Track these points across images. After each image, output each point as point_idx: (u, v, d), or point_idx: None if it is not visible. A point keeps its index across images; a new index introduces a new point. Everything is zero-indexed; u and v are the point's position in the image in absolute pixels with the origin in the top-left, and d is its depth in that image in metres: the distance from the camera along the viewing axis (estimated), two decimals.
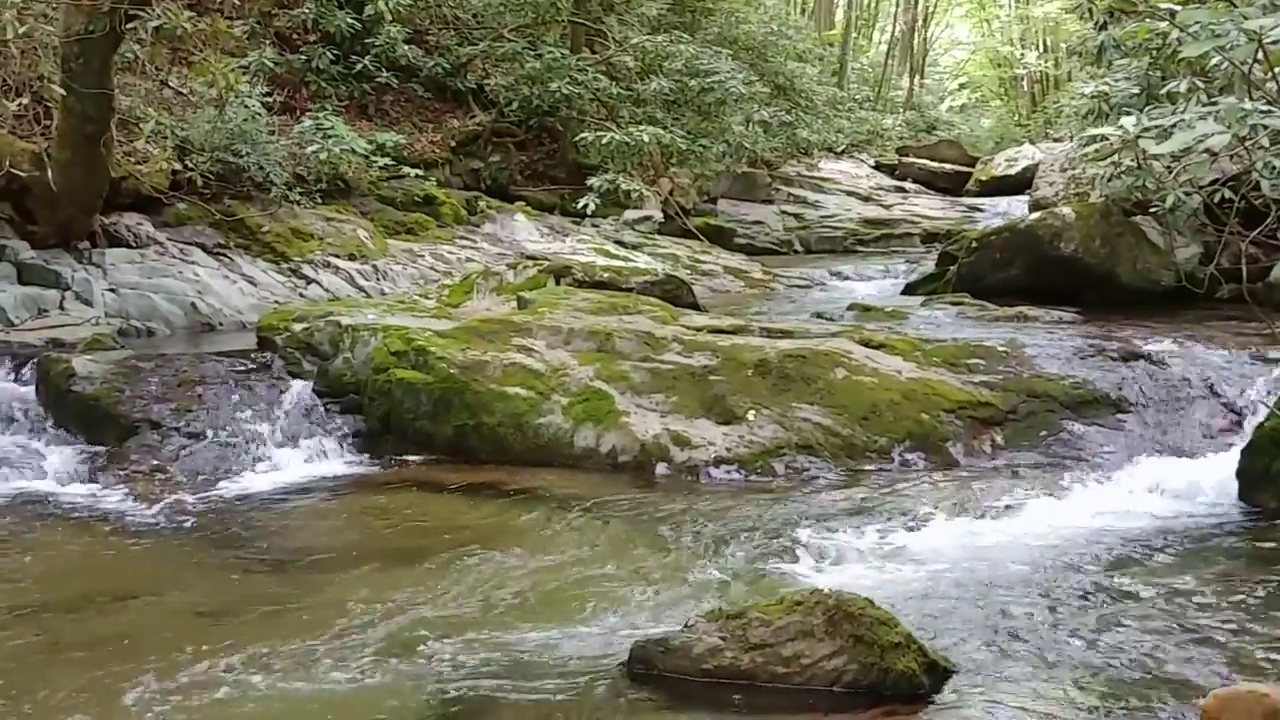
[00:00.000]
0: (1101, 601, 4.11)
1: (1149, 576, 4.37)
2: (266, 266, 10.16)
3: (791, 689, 3.33)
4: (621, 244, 13.83)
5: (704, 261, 13.76)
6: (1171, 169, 8.27)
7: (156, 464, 5.88)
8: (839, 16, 33.55)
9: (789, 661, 3.35)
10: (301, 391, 6.60)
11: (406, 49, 14.30)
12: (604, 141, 12.50)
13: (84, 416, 6.26)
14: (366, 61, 13.84)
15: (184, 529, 5.15)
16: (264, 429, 6.27)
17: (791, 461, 5.99)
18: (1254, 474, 5.29)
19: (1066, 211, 9.82)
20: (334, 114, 12.27)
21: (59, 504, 5.49)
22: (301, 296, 9.86)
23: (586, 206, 12.46)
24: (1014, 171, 22.01)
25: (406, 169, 12.49)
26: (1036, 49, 35.69)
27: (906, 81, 34.13)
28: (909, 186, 22.69)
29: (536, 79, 14.60)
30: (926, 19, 36.13)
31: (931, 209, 20.48)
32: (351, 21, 13.73)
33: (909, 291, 11.10)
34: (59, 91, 7.63)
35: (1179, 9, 3.62)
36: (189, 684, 3.48)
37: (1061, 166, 12.33)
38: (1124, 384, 6.54)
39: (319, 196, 11.25)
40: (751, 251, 16.11)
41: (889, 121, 26.93)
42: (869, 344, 7.00)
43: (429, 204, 12.90)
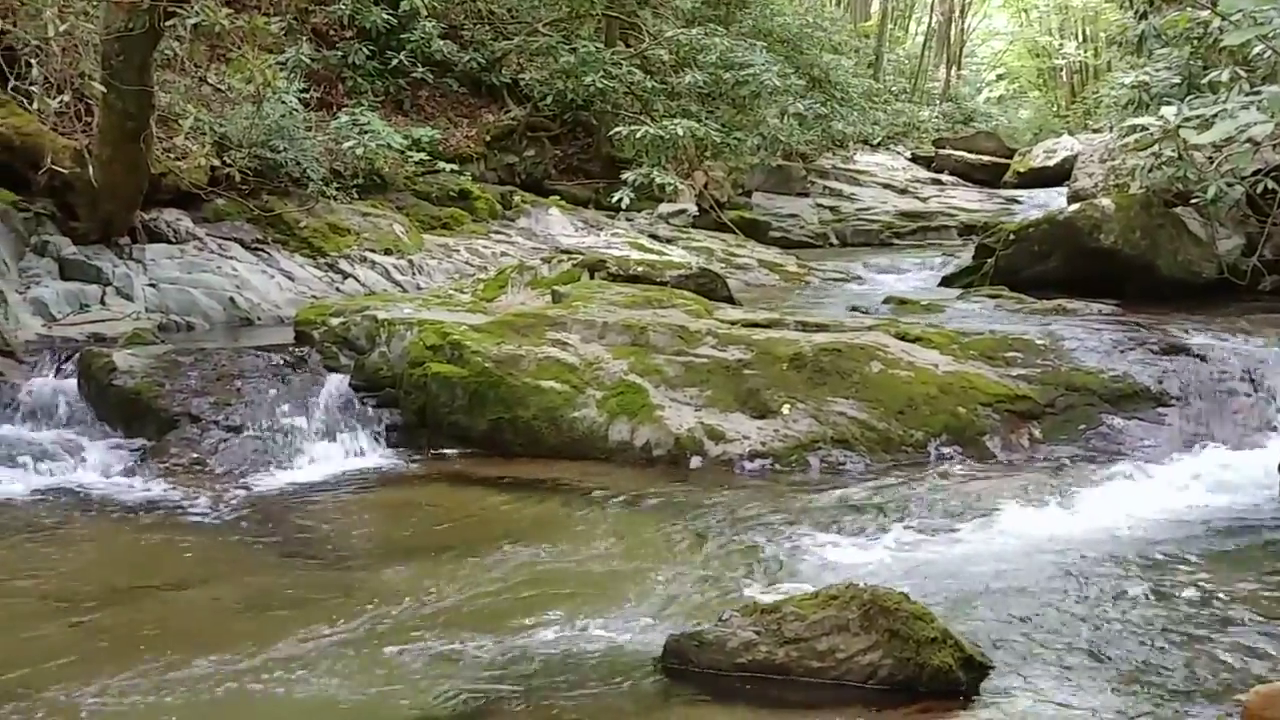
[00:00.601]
0: (1141, 596, 4.07)
1: (1190, 571, 4.32)
2: (304, 261, 10.23)
3: (826, 684, 3.32)
4: (656, 238, 13.80)
5: (738, 255, 13.71)
6: (1213, 159, 8.16)
7: (196, 457, 5.94)
8: (875, 8, 33.33)
9: (824, 656, 3.34)
10: (338, 385, 6.65)
11: (441, 44, 14.34)
12: (638, 135, 12.49)
13: (125, 410, 6.34)
14: (402, 57, 13.90)
15: (222, 522, 5.20)
16: (301, 423, 6.32)
17: (827, 455, 5.97)
18: None
19: (1106, 203, 9.70)
20: (370, 109, 12.33)
21: (100, 497, 5.56)
22: (338, 291, 9.92)
23: (621, 200, 12.47)
24: (1053, 163, 21.78)
25: (442, 164, 12.52)
26: (1076, 39, 35.28)
27: (943, 73, 33.87)
28: (946, 179, 22.51)
29: (571, 73, 14.60)
30: (964, 9, 35.81)
31: (969, 201, 20.30)
32: (387, 17, 13.78)
33: (946, 284, 11.01)
34: (100, 89, 7.71)
35: None
36: (224, 675, 3.51)
37: (1101, 157, 12.17)
38: (1165, 377, 6.46)
39: (355, 192, 11.31)
40: (786, 245, 16.04)
41: (925, 113, 26.73)
42: (905, 337, 6.95)
43: (464, 199, 12.93)
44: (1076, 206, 10.04)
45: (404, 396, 6.58)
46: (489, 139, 14.99)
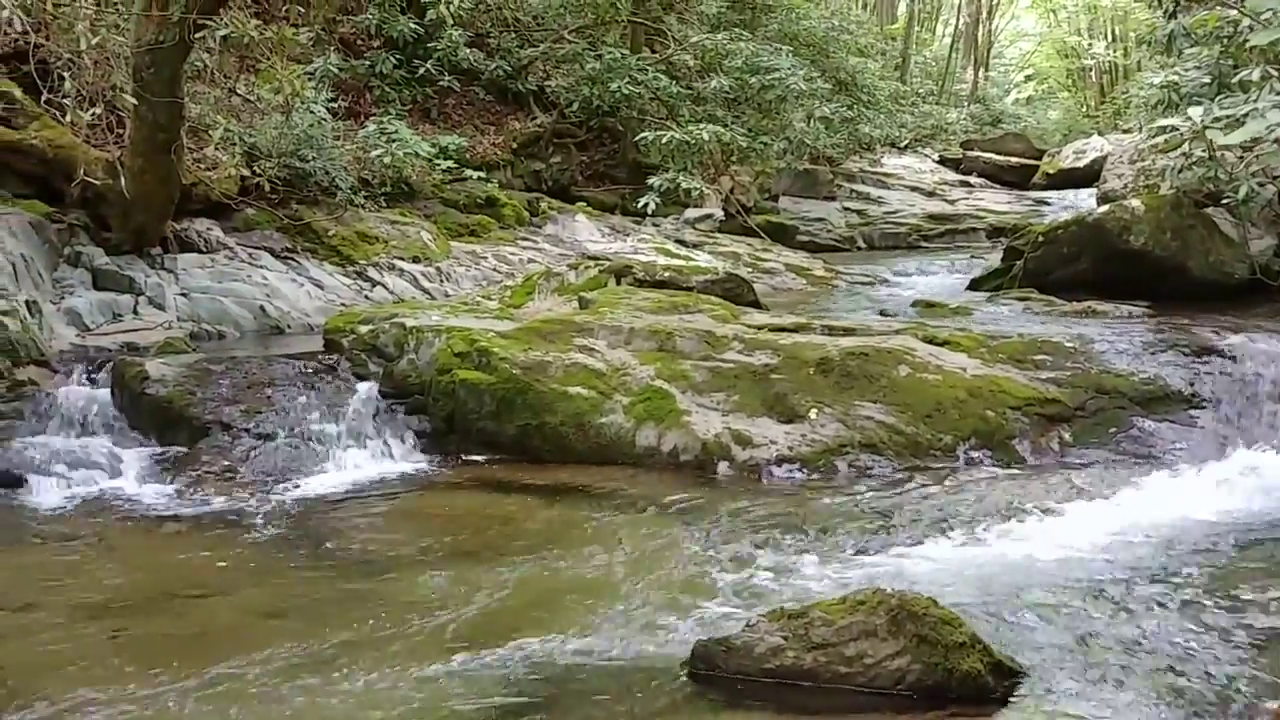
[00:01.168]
0: (1173, 602, 4.03)
1: (1222, 577, 4.28)
2: (333, 270, 10.30)
3: (854, 689, 3.31)
4: (682, 243, 13.82)
5: (765, 259, 13.70)
6: (1244, 159, 8.09)
7: (227, 465, 6.00)
8: (901, 10, 33.24)
9: (852, 661, 3.33)
10: (368, 392, 6.69)
11: (468, 52, 14.42)
12: (664, 140, 12.51)
13: (157, 418, 6.40)
14: (429, 66, 13.98)
15: (254, 529, 5.24)
16: (331, 430, 6.36)
17: (855, 460, 5.95)
18: None
19: (1136, 204, 9.63)
20: (397, 118, 12.42)
21: (133, 504, 5.62)
22: (367, 299, 9.99)
23: (647, 206, 12.50)
24: (1082, 164, 21.67)
25: (469, 171, 12.59)
26: (1104, 39, 35.06)
27: (971, 74, 33.73)
28: (974, 181, 22.43)
29: (597, 79, 14.65)
30: (991, 11, 35.66)
31: (997, 203, 20.22)
32: (414, 26, 13.88)
33: (974, 287, 10.96)
34: (131, 101, 7.79)
35: None
36: (256, 681, 3.54)
37: (1130, 158, 12.08)
38: (1196, 379, 6.41)
39: (383, 200, 11.39)
40: (814, 249, 16.02)
41: (953, 115, 26.66)
42: (933, 341, 6.93)
43: (491, 206, 13.00)
44: (1106, 208, 9.97)
45: (432, 403, 6.61)
46: (515, 146, 15.06)
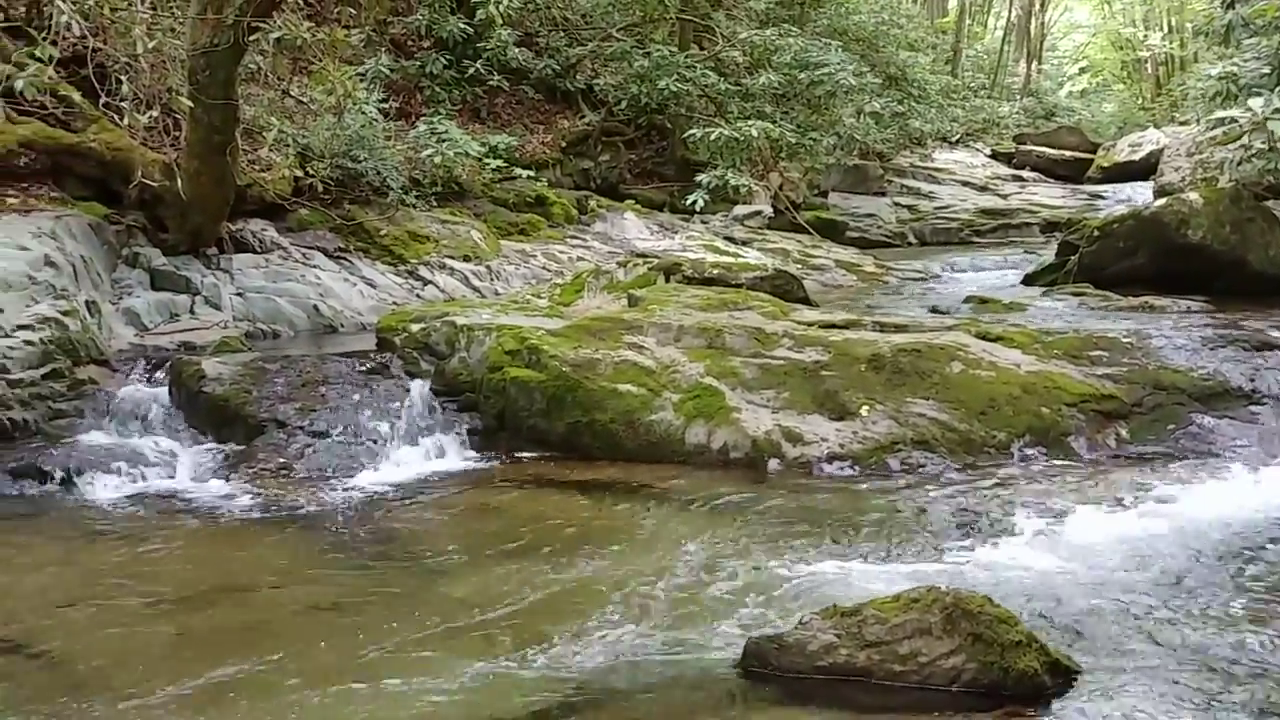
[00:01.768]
0: (1231, 601, 3.96)
1: None
2: (385, 269, 10.39)
3: (908, 687, 3.29)
4: (731, 240, 13.78)
5: (815, 256, 13.64)
6: None
7: (282, 462, 6.07)
8: (952, 4, 32.92)
9: (906, 659, 3.31)
10: (420, 391, 6.74)
11: (517, 52, 14.48)
12: (713, 137, 12.47)
13: (214, 416, 6.50)
14: (478, 65, 14.05)
15: (309, 525, 5.30)
16: (384, 427, 6.42)
17: (907, 457, 5.91)
18: None
19: (1194, 197, 9.47)
20: (448, 118, 12.49)
21: (190, 501, 5.71)
22: (418, 298, 10.06)
23: (695, 203, 12.47)
24: (1138, 157, 21.34)
25: (518, 170, 12.64)
26: (1160, 30, 34.49)
27: (1023, 67, 33.33)
28: (1027, 175, 22.17)
29: (645, 77, 14.64)
30: (1044, 3, 35.21)
31: (1051, 197, 19.98)
32: (463, 27, 13.96)
33: (1028, 283, 10.84)
34: (187, 104, 7.90)
35: None
36: (309, 677, 3.59)
37: (1188, 151, 11.90)
38: (1257, 375, 6.29)
39: (434, 199, 11.46)
40: (864, 245, 15.93)
41: (1005, 109, 26.37)
42: (986, 337, 6.86)
43: (540, 204, 13.04)
44: (1163, 201, 9.82)
45: (483, 401, 6.65)
46: (564, 145, 15.10)
